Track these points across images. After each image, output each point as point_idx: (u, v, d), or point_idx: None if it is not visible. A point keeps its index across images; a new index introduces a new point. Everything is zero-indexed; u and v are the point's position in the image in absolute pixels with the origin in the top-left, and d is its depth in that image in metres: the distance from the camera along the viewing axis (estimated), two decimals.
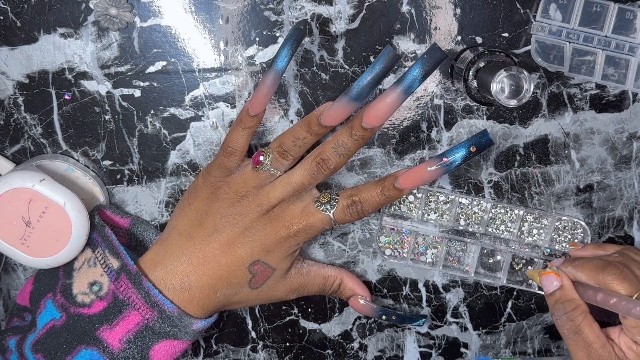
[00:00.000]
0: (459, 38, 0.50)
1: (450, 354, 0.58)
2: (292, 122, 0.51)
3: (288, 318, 0.56)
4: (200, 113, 0.50)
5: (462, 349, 0.57)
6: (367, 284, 0.55)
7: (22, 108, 0.49)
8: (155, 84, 0.49)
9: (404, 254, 0.54)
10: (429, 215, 0.53)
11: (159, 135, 0.51)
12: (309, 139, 0.46)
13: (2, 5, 0.47)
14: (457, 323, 0.57)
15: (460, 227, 0.54)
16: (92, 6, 0.47)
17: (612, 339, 0.47)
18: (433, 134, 0.52)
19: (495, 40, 0.50)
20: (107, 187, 0.52)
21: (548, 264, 0.53)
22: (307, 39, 0.49)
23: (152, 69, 0.49)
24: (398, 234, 0.54)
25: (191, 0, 0.48)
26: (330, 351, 0.57)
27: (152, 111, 0.50)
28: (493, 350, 0.58)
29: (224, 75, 0.50)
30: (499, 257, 0.55)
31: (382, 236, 0.54)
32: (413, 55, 0.50)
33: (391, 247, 0.54)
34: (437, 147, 0.52)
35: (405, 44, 0.50)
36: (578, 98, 0.52)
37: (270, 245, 0.47)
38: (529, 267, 0.55)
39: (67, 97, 0.49)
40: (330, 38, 0.49)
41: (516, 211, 0.53)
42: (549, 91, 0.51)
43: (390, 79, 0.50)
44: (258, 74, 0.50)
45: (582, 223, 0.54)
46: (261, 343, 0.56)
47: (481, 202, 0.53)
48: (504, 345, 0.58)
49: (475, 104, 0.51)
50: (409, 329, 0.57)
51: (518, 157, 0.53)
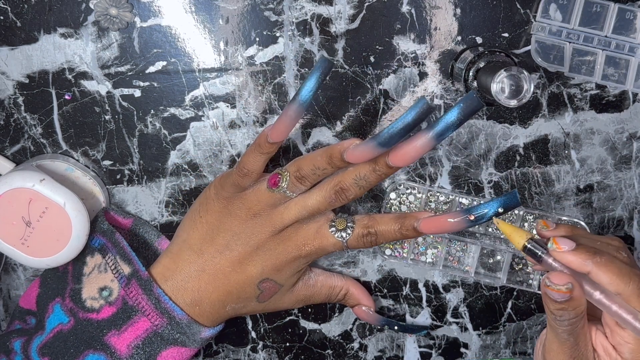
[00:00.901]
0: (459, 38, 0.50)
1: (450, 354, 0.58)
2: None
3: (288, 318, 0.56)
4: (200, 113, 0.50)
5: (462, 349, 0.57)
6: (367, 284, 0.55)
7: (22, 108, 0.49)
8: (156, 84, 0.49)
9: (404, 254, 0.54)
10: None
11: (159, 135, 0.51)
12: (328, 170, 0.45)
13: (2, 5, 0.47)
14: (457, 323, 0.57)
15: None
16: (92, 6, 0.47)
17: (590, 336, 0.44)
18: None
19: (496, 40, 0.50)
20: (107, 187, 0.52)
21: (539, 226, 0.45)
22: (307, 39, 0.49)
23: (152, 69, 0.49)
24: None
25: (191, 0, 0.48)
26: (330, 351, 0.57)
27: (152, 111, 0.50)
28: (493, 350, 0.58)
29: (224, 75, 0.50)
30: (499, 257, 0.55)
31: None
32: (413, 55, 0.50)
33: (391, 247, 0.54)
34: (437, 147, 0.52)
35: (405, 44, 0.50)
36: (578, 98, 0.52)
37: (281, 265, 0.47)
38: (530, 268, 0.54)
39: (67, 97, 0.49)
40: (330, 38, 0.49)
41: (516, 211, 0.53)
42: (549, 91, 0.52)
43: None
44: (258, 74, 0.50)
45: (582, 223, 0.54)
46: (261, 343, 0.56)
47: (481, 202, 0.53)
48: (504, 346, 0.58)
49: None
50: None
51: (518, 157, 0.53)
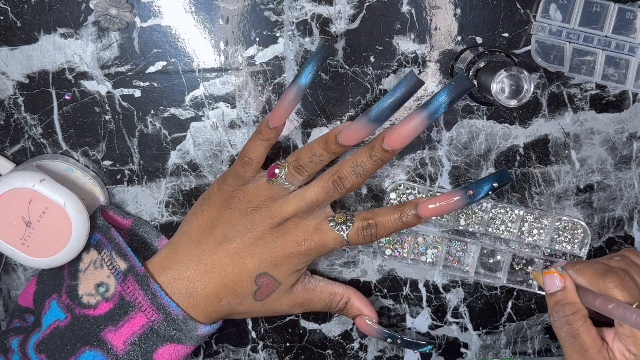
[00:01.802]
0: (459, 38, 0.50)
1: (450, 354, 0.58)
2: (292, 122, 0.51)
3: (288, 318, 0.56)
4: (200, 113, 0.50)
5: (462, 349, 0.57)
6: (367, 284, 0.55)
7: (22, 108, 0.49)
8: (156, 84, 0.49)
9: (404, 254, 0.54)
10: None
11: (159, 135, 0.51)
12: (325, 156, 0.45)
13: (2, 5, 0.47)
14: (457, 323, 0.57)
15: (461, 227, 0.54)
16: (92, 6, 0.47)
17: (607, 341, 0.46)
18: (433, 134, 0.52)
19: (496, 40, 0.50)
20: (107, 187, 0.52)
21: (551, 265, 0.52)
22: (307, 39, 0.49)
23: (152, 69, 0.49)
24: (398, 234, 0.54)
25: (191, 0, 0.48)
26: (330, 351, 0.57)
27: (152, 111, 0.50)
28: (493, 350, 0.58)
29: (224, 75, 0.50)
30: (499, 257, 0.55)
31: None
32: (413, 55, 0.50)
33: (391, 247, 0.54)
34: (437, 147, 0.52)
35: (405, 44, 0.50)
36: (578, 98, 0.52)
37: (279, 259, 0.47)
38: (530, 268, 0.55)
39: (67, 97, 0.49)
40: (330, 38, 0.49)
41: (516, 211, 0.53)
42: (549, 91, 0.51)
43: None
44: (258, 74, 0.50)
45: (582, 223, 0.54)
46: (261, 343, 0.56)
47: (481, 202, 0.53)
48: (504, 346, 0.58)
49: (475, 104, 0.51)
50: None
51: (518, 157, 0.53)
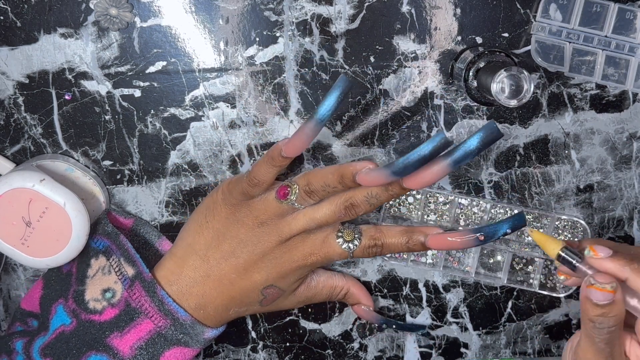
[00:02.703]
0: (459, 38, 0.50)
1: (450, 354, 0.58)
2: (292, 122, 0.51)
3: (288, 318, 0.56)
4: (200, 113, 0.50)
5: (462, 349, 0.57)
6: (367, 284, 0.55)
7: (22, 108, 0.49)
8: (156, 84, 0.49)
9: (404, 256, 0.54)
10: (428, 216, 0.53)
11: (159, 135, 0.51)
12: (339, 189, 0.45)
13: (2, 5, 0.47)
14: (457, 323, 0.57)
15: (460, 228, 0.54)
16: (92, 6, 0.47)
17: (625, 346, 0.44)
18: (433, 134, 0.52)
19: (496, 40, 0.50)
20: (107, 187, 0.52)
21: (585, 245, 0.44)
22: (307, 39, 0.49)
23: (152, 69, 0.49)
24: None
25: (191, 0, 0.48)
26: (330, 351, 0.57)
27: (152, 111, 0.50)
28: (493, 350, 0.58)
29: (224, 75, 0.50)
30: (499, 257, 0.55)
31: None
32: (413, 55, 0.50)
33: None
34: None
35: (405, 44, 0.50)
36: (578, 98, 0.52)
37: (286, 273, 0.47)
38: (530, 267, 0.54)
39: (67, 97, 0.49)
40: (330, 38, 0.49)
41: (516, 211, 0.53)
42: (549, 91, 0.51)
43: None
44: (258, 74, 0.50)
45: (582, 222, 0.54)
46: (261, 343, 0.56)
47: (480, 202, 0.53)
48: (504, 346, 0.57)
49: (475, 104, 0.51)
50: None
51: (518, 157, 0.53)
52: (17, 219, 0.45)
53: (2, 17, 0.47)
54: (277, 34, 0.49)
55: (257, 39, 0.49)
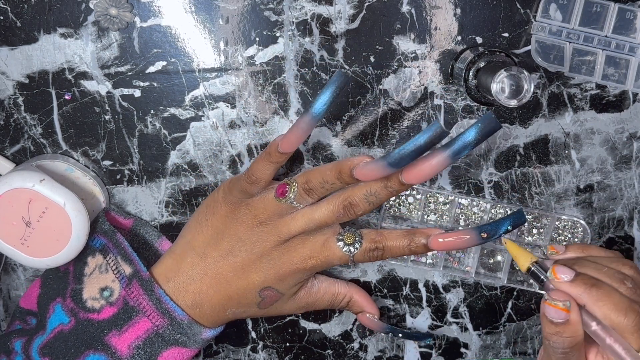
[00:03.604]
0: (459, 38, 0.50)
1: (450, 354, 0.58)
2: (292, 122, 0.51)
3: (288, 318, 0.56)
4: (200, 113, 0.50)
5: (462, 349, 0.57)
6: (367, 284, 0.55)
7: (22, 108, 0.49)
8: (155, 84, 0.49)
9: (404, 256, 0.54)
10: (428, 216, 0.53)
11: (159, 135, 0.51)
12: (337, 185, 0.44)
13: (2, 5, 0.47)
14: (457, 323, 0.57)
15: (460, 228, 0.54)
16: (92, 6, 0.47)
17: (587, 358, 0.43)
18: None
19: (496, 40, 0.50)
20: (107, 187, 0.52)
21: (547, 259, 0.46)
22: (307, 39, 0.49)
23: (152, 69, 0.49)
24: None
25: (191, 0, 0.48)
26: (330, 351, 0.57)
27: (152, 111, 0.50)
28: (493, 350, 0.58)
29: (224, 75, 0.50)
30: (499, 257, 0.55)
31: None
32: (413, 55, 0.50)
33: None
34: (437, 147, 0.52)
35: (405, 44, 0.50)
36: (578, 98, 0.52)
37: (284, 275, 0.47)
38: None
39: (67, 97, 0.49)
40: (330, 38, 0.49)
41: (515, 209, 0.53)
42: (549, 91, 0.51)
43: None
44: (258, 74, 0.50)
45: (582, 222, 0.54)
46: (261, 343, 0.56)
47: (480, 202, 0.53)
48: (504, 346, 0.57)
49: (475, 104, 0.51)
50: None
51: (518, 157, 0.53)
52: (17, 219, 0.45)
53: (2, 17, 0.47)
54: (277, 34, 0.49)
55: (257, 39, 0.49)
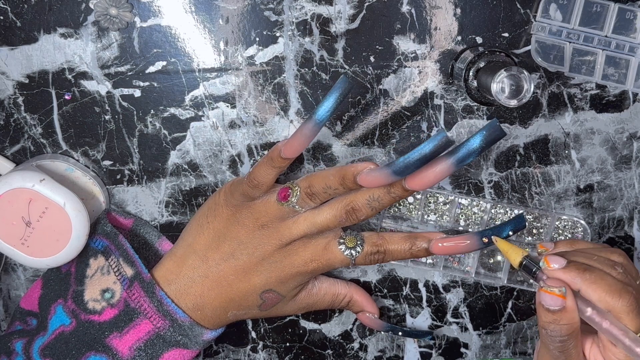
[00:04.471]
0: (459, 38, 0.50)
1: (450, 354, 0.58)
2: (292, 122, 0.51)
3: (288, 318, 0.56)
4: (200, 113, 0.50)
5: (462, 349, 0.57)
6: (367, 284, 0.55)
7: (22, 108, 0.49)
8: (155, 84, 0.49)
9: None
10: (428, 216, 0.53)
11: (159, 135, 0.51)
12: (340, 190, 0.44)
13: (2, 5, 0.47)
14: (457, 323, 0.57)
15: (460, 228, 0.54)
16: (92, 6, 0.47)
17: (584, 349, 0.43)
18: (434, 133, 0.52)
19: (496, 40, 0.50)
20: (107, 187, 0.52)
21: (538, 250, 0.46)
22: (307, 39, 0.49)
23: (152, 69, 0.49)
24: None
25: (191, 0, 0.48)
26: (330, 351, 0.57)
27: (152, 111, 0.50)
28: (493, 350, 0.58)
29: (224, 75, 0.50)
30: (499, 257, 0.55)
31: None
32: (413, 55, 0.50)
33: None
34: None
35: (405, 44, 0.50)
36: (578, 98, 0.52)
37: (285, 278, 0.47)
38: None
39: (67, 97, 0.49)
40: (330, 38, 0.49)
41: (516, 211, 0.53)
42: (549, 91, 0.51)
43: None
44: (258, 74, 0.50)
45: (582, 222, 0.54)
46: (261, 343, 0.56)
47: (480, 202, 0.53)
48: (504, 346, 0.57)
49: (475, 104, 0.51)
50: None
51: (518, 157, 0.53)
52: (17, 219, 0.45)
53: (2, 17, 0.47)
54: (277, 34, 0.49)
55: (257, 39, 0.49)
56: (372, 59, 0.50)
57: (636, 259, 0.56)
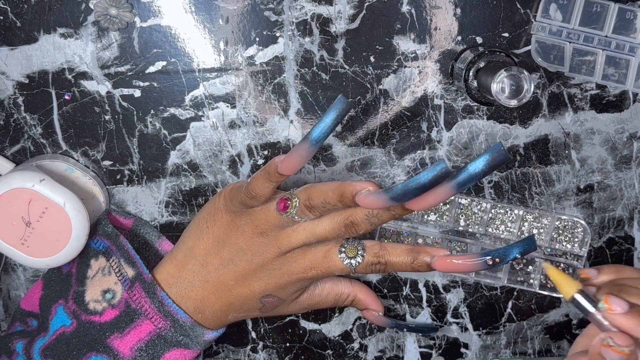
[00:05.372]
0: (459, 38, 0.50)
1: (450, 355, 0.57)
2: (292, 122, 0.51)
3: (288, 318, 0.56)
4: (200, 113, 0.50)
5: (463, 349, 0.57)
6: (367, 284, 0.55)
7: (22, 108, 0.49)
8: (155, 84, 0.49)
9: None
10: (428, 216, 0.53)
11: (159, 135, 0.51)
12: (339, 207, 0.44)
13: (2, 5, 0.47)
14: (457, 323, 0.57)
15: (460, 228, 0.54)
16: (92, 6, 0.47)
17: None
18: (433, 134, 0.52)
19: (496, 40, 0.50)
20: (107, 187, 0.51)
21: (579, 276, 0.45)
22: (307, 39, 0.49)
23: (152, 69, 0.49)
24: (398, 236, 0.54)
25: (191, 0, 0.48)
26: (330, 351, 0.57)
27: (152, 111, 0.50)
28: (493, 350, 0.58)
29: (224, 75, 0.50)
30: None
31: (382, 238, 0.54)
32: (413, 55, 0.50)
33: None
34: (437, 147, 0.52)
35: (405, 44, 0.50)
36: (578, 98, 0.52)
37: (285, 284, 0.47)
38: (530, 267, 0.54)
39: (67, 97, 0.49)
40: (330, 38, 0.49)
41: (516, 211, 0.53)
42: (549, 91, 0.51)
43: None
44: (258, 74, 0.50)
45: (582, 222, 0.54)
46: (261, 343, 0.56)
47: (481, 202, 0.53)
48: (504, 346, 0.57)
49: (475, 104, 0.51)
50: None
51: (518, 157, 0.53)
52: (17, 219, 0.45)
53: (2, 17, 0.47)
54: (277, 34, 0.49)
55: (257, 39, 0.49)
56: (372, 59, 0.50)
57: (636, 259, 0.56)
